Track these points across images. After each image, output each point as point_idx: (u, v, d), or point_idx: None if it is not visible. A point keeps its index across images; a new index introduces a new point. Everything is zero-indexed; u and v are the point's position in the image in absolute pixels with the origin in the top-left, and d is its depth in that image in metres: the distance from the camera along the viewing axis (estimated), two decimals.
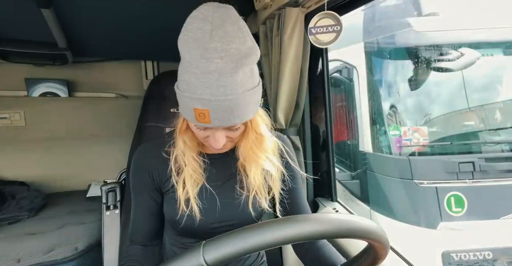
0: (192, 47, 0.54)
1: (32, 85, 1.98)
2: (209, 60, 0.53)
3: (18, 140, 2.02)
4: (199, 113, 0.59)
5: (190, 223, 0.72)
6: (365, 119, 2.30)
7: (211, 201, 0.74)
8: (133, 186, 0.78)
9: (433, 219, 1.96)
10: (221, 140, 0.64)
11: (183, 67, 0.57)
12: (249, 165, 0.73)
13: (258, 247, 0.35)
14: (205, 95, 0.56)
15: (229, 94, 0.56)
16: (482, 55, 2.14)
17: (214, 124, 0.59)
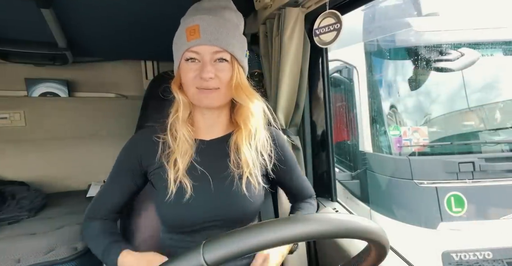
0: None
1: (32, 85, 1.97)
2: (198, 10, 0.74)
3: (18, 140, 2.02)
4: (190, 31, 0.70)
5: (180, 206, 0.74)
6: (365, 119, 2.30)
7: (202, 179, 0.76)
8: (118, 164, 0.82)
9: (433, 219, 1.96)
10: (209, 68, 0.70)
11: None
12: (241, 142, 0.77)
13: (259, 247, 0.35)
14: (195, 19, 0.71)
15: (215, 15, 0.72)
16: (482, 55, 2.14)
17: (203, 38, 0.69)
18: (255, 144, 0.78)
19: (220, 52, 0.72)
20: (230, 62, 0.74)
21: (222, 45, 0.71)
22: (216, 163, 0.78)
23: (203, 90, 0.72)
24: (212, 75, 0.70)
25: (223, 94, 0.74)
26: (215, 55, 0.72)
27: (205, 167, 0.77)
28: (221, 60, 0.72)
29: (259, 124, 0.79)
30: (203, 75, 0.70)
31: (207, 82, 0.71)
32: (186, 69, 0.73)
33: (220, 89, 0.73)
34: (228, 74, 0.73)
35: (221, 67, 0.72)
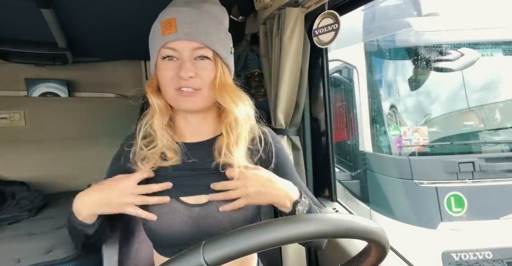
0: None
1: (32, 85, 1.98)
2: (176, 2, 0.68)
3: (18, 140, 2.02)
4: (166, 24, 0.63)
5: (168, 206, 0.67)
6: (365, 119, 2.30)
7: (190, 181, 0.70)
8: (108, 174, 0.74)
9: (433, 219, 1.96)
10: (188, 66, 0.62)
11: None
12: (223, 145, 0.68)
13: (259, 247, 0.35)
14: (171, 11, 0.64)
15: (193, 7, 0.64)
16: (482, 55, 2.15)
17: (180, 33, 0.62)
18: (239, 150, 0.69)
19: (200, 49, 0.64)
20: (213, 60, 0.65)
21: (202, 40, 0.63)
22: (202, 170, 0.71)
23: (183, 92, 0.64)
24: (192, 74, 0.62)
25: (205, 96, 0.66)
26: (195, 52, 0.64)
27: (191, 168, 0.70)
28: (202, 58, 0.64)
29: (242, 132, 0.69)
30: (182, 74, 0.62)
31: (186, 82, 0.63)
32: (163, 68, 0.64)
33: (202, 90, 0.65)
34: (211, 73, 0.65)
35: (202, 65, 0.64)
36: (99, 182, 0.68)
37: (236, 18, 1.21)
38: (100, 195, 0.65)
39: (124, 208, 0.65)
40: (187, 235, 0.67)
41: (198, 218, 0.67)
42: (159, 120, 0.68)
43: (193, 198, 0.68)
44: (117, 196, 0.64)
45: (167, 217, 0.66)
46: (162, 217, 0.66)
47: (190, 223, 0.67)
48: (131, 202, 0.64)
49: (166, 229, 0.66)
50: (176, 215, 0.66)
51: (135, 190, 0.65)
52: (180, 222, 0.66)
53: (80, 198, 0.66)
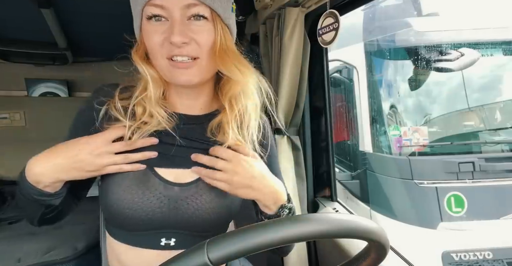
0: None
1: (32, 85, 1.98)
2: None
3: (18, 140, 2.02)
4: None
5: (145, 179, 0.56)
6: (365, 119, 2.30)
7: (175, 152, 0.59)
8: (73, 127, 0.62)
9: (433, 219, 1.96)
10: (180, 29, 0.50)
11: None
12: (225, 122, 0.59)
13: (261, 246, 0.36)
14: None
15: None
16: (482, 55, 2.15)
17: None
18: (243, 131, 0.60)
19: (194, 6, 0.51)
20: (211, 20, 0.53)
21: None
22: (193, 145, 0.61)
23: (176, 63, 0.52)
24: (186, 39, 0.51)
25: (204, 67, 0.54)
26: (188, 10, 0.51)
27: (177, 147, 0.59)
28: (197, 18, 0.52)
29: (250, 106, 0.59)
30: (173, 40, 0.49)
31: (180, 49, 0.51)
32: (149, 31, 0.52)
33: (199, 60, 0.53)
34: (209, 37, 0.53)
35: (197, 27, 0.52)
36: (58, 144, 0.55)
37: (236, 18, 1.21)
38: (65, 158, 0.52)
39: (100, 170, 0.54)
40: (159, 218, 0.56)
41: (177, 199, 0.57)
42: (154, 93, 0.56)
43: (172, 174, 0.58)
44: (90, 157, 0.52)
45: (142, 191, 0.55)
46: (136, 190, 0.55)
47: (165, 203, 0.56)
48: (107, 162, 0.54)
49: (135, 207, 0.55)
50: (151, 191, 0.56)
51: (111, 148, 0.54)
52: (154, 201, 0.55)
53: (37, 162, 0.53)
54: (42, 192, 0.54)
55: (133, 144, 0.55)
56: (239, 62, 0.56)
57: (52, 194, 0.55)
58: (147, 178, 0.57)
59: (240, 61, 0.57)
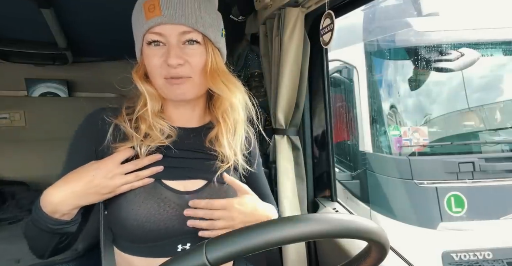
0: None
1: (32, 85, 1.98)
2: None
3: (18, 140, 2.02)
4: (149, 6, 0.57)
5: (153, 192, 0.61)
6: (365, 119, 2.30)
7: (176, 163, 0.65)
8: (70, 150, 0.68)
9: (433, 219, 1.96)
10: (176, 53, 0.57)
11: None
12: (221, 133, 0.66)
13: (260, 247, 0.36)
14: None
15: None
16: (482, 55, 2.15)
17: (165, 15, 0.56)
18: (235, 141, 0.68)
19: (188, 33, 0.58)
20: (203, 44, 0.60)
21: (190, 23, 0.57)
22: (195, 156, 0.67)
23: (172, 80, 0.59)
24: (181, 61, 0.58)
25: (197, 85, 0.61)
26: (183, 37, 0.58)
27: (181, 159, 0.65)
28: (191, 42, 0.59)
29: (239, 120, 0.67)
30: (170, 62, 0.57)
31: (175, 70, 0.58)
32: (149, 55, 0.59)
33: (192, 79, 0.60)
34: (201, 59, 0.60)
35: (191, 51, 0.59)
36: (70, 173, 0.60)
37: (236, 18, 1.21)
38: (82, 184, 0.57)
39: (115, 191, 0.59)
40: (175, 226, 0.60)
41: (189, 207, 0.61)
42: (152, 108, 0.63)
43: (180, 185, 0.63)
44: (106, 180, 0.57)
45: (155, 203, 0.60)
46: (148, 205, 0.59)
47: (180, 211, 0.60)
48: (120, 182, 0.58)
49: (153, 219, 0.59)
50: (165, 202, 0.60)
51: (122, 169, 0.59)
52: (169, 211, 0.60)
53: (55, 192, 0.57)
54: (59, 221, 0.57)
55: (140, 163, 0.61)
56: (228, 81, 0.64)
57: (68, 221, 0.59)
58: (159, 191, 0.61)
59: (228, 79, 0.64)
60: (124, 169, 0.59)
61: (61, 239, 0.63)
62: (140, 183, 0.60)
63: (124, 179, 0.59)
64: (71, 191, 0.57)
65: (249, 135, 0.74)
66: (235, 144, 0.67)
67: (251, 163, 0.73)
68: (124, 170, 0.59)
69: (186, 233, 0.62)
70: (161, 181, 0.62)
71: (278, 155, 1.14)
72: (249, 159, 0.74)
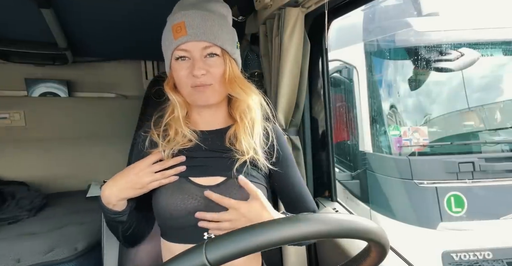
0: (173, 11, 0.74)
1: (32, 85, 1.98)
2: (183, 5, 0.73)
3: (18, 140, 2.02)
4: (176, 28, 0.69)
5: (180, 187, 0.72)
6: (365, 119, 2.30)
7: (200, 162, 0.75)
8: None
9: (433, 219, 1.96)
10: (200, 65, 0.68)
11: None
12: (239, 131, 0.74)
13: (260, 247, 0.36)
14: (181, 15, 0.70)
15: (199, 9, 0.71)
16: (482, 55, 2.15)
17: (190, 34, 0.68)
18: (254, 137, 0.76)
19: (209, 47, 0.70)
20: (221, 56, 0.72)
21: (210, 39, 0.69)
22: (216, 155, 0.76)
23: (197, 88, 0.70)
24: (204, 72, 0.69)
25: (217, 91, 0.72)
26: (205, 51, 0.70)
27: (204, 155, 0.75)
28: (211, 55, 0.71)
29: (256, 118, 0.76)
30: (195, 73, 0.68)
31: (199, 79, 0.69)
32: (177, 68, 0.71)
33: (213, 85, 0.71)
34: (220, 69, 0.72)
35: (212, 62, 0.71)
36: (118, 173, 0.74)
37: (236, 18, 1.21)
38: (122, 180, 0.71)
39: (146, 187, 0.71)
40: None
41: (211, 199, 0.70)
42: (180, 114, 0.75)
43: (205, 180, 0.73)
44: (136, 178, 0.70)
45: (182, 195, 0.71)
46: (174, 196, 0.71)
47: (202, 203, 0.71)
48: (149, 180, 0.70)
49: (179, 208, 0.70)
50: (188, 194, 0.71)
51: (151, 169, 0.71)
52: (192, 201, 0.70)
53: (106, 187, 0.71)
54: (111, 210, 0.72)
55: (166, 163, 0.72)
56: (244, 86, 0.74)
57: (119, 211, 0.72)
58: (185, 186, 0.72)
59: (244, 84, 0.75)
60: (152, 168, 0.71)
61: (123, 228, 0.76)
62: (167, 181, 0.72)
63: (153, 176, 0.71)
64: (115, 186, 0.70)
65: (267, 130, 0.80)
66: (254, 140, 0.75)
67: (272, 156, 0.79)
68: (152, 169, 0.71)
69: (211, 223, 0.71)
70: (187, 178, 0.73)
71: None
72: (269, 152, 0.79)
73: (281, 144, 0.82)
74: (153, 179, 0.71)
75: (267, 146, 0.79)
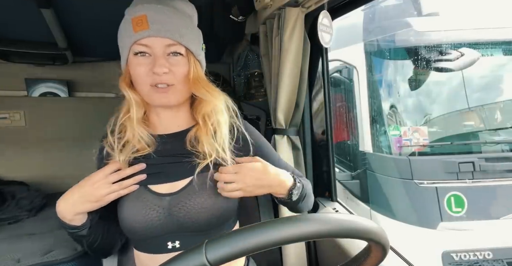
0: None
1: (32, 85, 1.98)
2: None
3: (18, 140, 2.02)
4: (137, 21, 0.63)
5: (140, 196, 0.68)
6: (365, 119, 2.30)
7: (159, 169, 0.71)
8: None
9: (433, 219, 1.96)
10: (162, 62, 0.64)
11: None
12: (201, 133, 0.70)
13: (261, 246, 0.36)
14: (142, 7, 0.64)
15: (164, 4, 0.66)
16: (482, 55, 2.15)
17: (152, 29, 0.63)
18: (218, 139, 0.71)
19: (173, 45, 0.66)
20: (186, 56, 0.68)
21: (175, 37, 0.65)
22: (176, 160, 0.71)
23: (158, 89, 0.66)
24: (166, 70, 0.64)
25: (179, 91, 0.68)
26: (168, 49, 0.66)
27: (164, 164, 0.71)
28: (175, 54, 0.66)
29: (221, 121, 0.72)
30: (156, 70, 0.63)
31: (160, 77, 0.64)
32: (135, 64, 0.66)
33: (175, 86, 0.67)
34: (184, 69, 0.67)
35: (175, 61, 0.66)
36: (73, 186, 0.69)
37: (236, 18, 1.21)
38: (77, 194, 0.65)
39: (103, 200, 0.66)
40: (158, 226, 0.67)
41: (170, 207, 0.67)
42: (136, 114, 0.69)
43: (165, 188, 0.69)
44: (91, 190, 0.65)
45: (141, 207, 0.67)
46: (135, 208, 0.67)
47: (161, 213, 0.67)
48: (106, 192, 0.65)
49: (138, 220, 0.66)
50: (148, 205, 0.67)
51: (107, 180, 0.66)
52: (151, 212, 0.66)
53: (61, 201, 0.66)
54: (69, 225, 0.67)
55: (123, 173, 0.68)
56: (209, 87, 0.71)
57: (77, 226, 0.67)
58: (144, 196, 0.68)
59: (209, 86, 0.71)
60: (109, 179, 0.66)
61: (88, 241, 0.71)
62: (126, 191, 0.67)
63: (109, 188, 0.66)
64: (69, 200, 0.65)
65: (234, 129, 0.76)
66: (219, 142, 0.71)
67: (246, 150, 0.76)
68: (109, 180, 0.66)
69: (172, 232, 0.68)
70: (147, 186, 0.69)
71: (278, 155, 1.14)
72: (243, 149, 0.76)
73: (254, 137, 0.78)
74: (110, 190, 0.66)
75: (238, 143, 0.75)
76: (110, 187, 0.66)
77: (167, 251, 0.68)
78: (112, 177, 0.67)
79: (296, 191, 0.73)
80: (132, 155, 0.69)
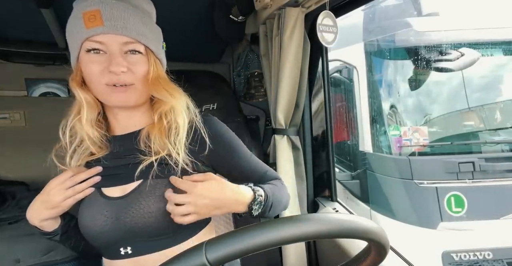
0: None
1: (32, 85, 1.98)
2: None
3: (18, 140, 2.02)
4: (89, 16, 0.58)
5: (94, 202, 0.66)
6: (365, 119, 2.30)
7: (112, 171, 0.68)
8: None
9: (433, 219, 1.96)
10: (120, 60, 0.59)
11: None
12: (153, 131, 0.66)
13: (260, 247, 0.36)
14: (94, 2, 0.59)
15: (120, 0, 0.61)
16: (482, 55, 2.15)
17: (107, 26, 0.58)
18: (171, 138, 0.66)
19: (131, 44, 0.61)
20: (146, 55, 0.64)
21: (133, 35, 0.61)
22: (129, 161, 0.67)
23: (115, 88, 0.61)
24: (124, 69, 0.60)
25: (139, 91, 0.64)
26: (126, 47, 0.61)
27: (117, 166, 0.68)
28: (133, 52, 0.62)
29: (179, 122, 0.66)
30: (113, 69, 0.59)
31: (117, 77, 0.60)
32: (88, 62, 0.61)
33: (135, 85, 0.62)
34: (144, 68, 0.63)
35: (134, 59, 0.62)
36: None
37: (236, 18, 1.21)
38: (39, 201, 0.66)
39: (60, 206, 0.65)
40: (107, 231, 0.63)
41: (118, 212, 0.63)
42: (87, 116, 0.65)
43: (117, 191, 0.66)
44: (47, 197, 0.65)
45: (91, 211, 0.65)
46: (87, 211, 0.66)
47: (109, 217, 0.63)
48: (61, 198, 0.64)
49: (88, 225, 0.64)
50: (97, 210, 0.64)
51: (62, 186, 0.65)
52: (99, 217, 0.64)
53: (29, 208, 0.67)
54: (41, 231, 0.69)
55: (76, 178, 0.66)
56: (170, 87, 0.67)
57: (49, 232, 0.69)
58: (95, 200, 0.66)
59: (170, 86, 0.67)
60: (64, 185, 0.65)
61: (70, 245, 0.73)
62: (82, 195, 0.66)
63: (64, 194, 0.64)
64: (33, 208, 0.67)
65: (192, 130, 0.69)
66: (171, 141, 0.65)
67: (202, 149, 0.68)
68: (64, 186, 0.65)
69: (122, 237, 0.64)
70: (100, 189, 0.67)
71: (278, 155, 1.14)
72: (195, 149, 0.68)
73: (219, 135, 0.71)
74: (64, 196, 0.64)
75: (193, 144, 0.68)
76: (64, 193, 0.64)
77: (121, 257, 0.66)
78: (67, 182, 0.65)
79: (256, 206, 0.67)
80: (86, 159, 0.68)
